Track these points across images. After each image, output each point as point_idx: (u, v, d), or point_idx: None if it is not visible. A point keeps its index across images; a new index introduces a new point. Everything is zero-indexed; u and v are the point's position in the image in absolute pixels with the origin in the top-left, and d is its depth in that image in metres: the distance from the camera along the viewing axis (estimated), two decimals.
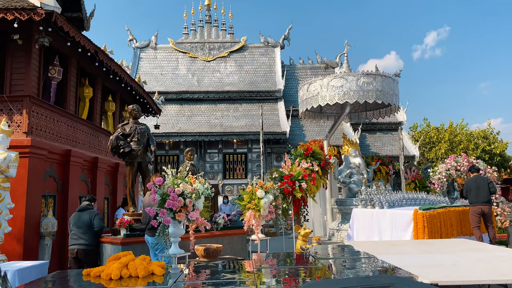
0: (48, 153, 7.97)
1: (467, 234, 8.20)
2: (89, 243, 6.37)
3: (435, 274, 3.48)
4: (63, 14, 11.35)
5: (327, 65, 25.41)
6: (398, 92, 11.81)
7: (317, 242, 6.98)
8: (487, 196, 8.17)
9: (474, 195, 8.20)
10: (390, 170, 13.41)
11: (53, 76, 8.70)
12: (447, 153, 26.30)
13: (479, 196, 8.15)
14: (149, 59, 24.93)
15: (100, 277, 3.76)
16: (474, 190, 8.22)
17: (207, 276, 4.05)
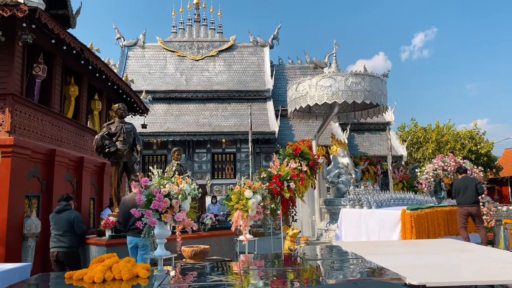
0: (32, 153, 7.80)
1: (454, 234, 8.26)
2: (69, 245, 6.23)
3: (422, 275, 3.46)
4: (49, 11, 11.16)
5: (316, 65, 25.47)
6: (386, 92, 11.86)
7: (305, 243, 6.94)
8: (474, 197, 8.21)
9: (462, 196, 8.24)
10: (378, 170, 13.47)
11: (37, 74, 8.53)
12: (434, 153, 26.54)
13: (466, 197, 8.19)
14: (137, 57, 24.70)
15: (82, 280, 3.66)
16: (462, 191, 8.26)
17: (193, 278, 3.98)
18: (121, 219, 5.68)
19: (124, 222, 5.66)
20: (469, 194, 8.17)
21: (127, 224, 5.64)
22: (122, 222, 5.69)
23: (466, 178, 8.54)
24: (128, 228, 5.65)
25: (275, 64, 25.67)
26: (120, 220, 5.67)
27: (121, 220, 5.66)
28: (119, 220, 5.69)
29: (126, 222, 5.64)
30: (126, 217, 5.61)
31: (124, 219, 5.65)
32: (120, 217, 5.70)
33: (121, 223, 5.69)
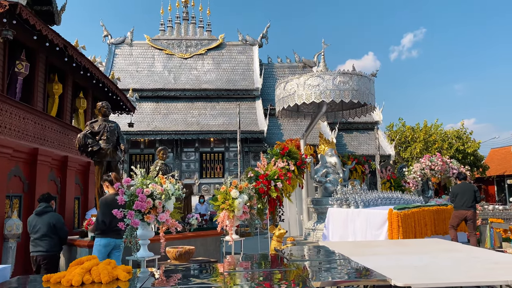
0: (13, 152, 7.61)
1: (441, 233, 8.27)
2: (48, 249, 6.07)
3: (408, 277, 3.42)
4: (32, 7, 10.94)
5: (305, 64, 25.45)
6: (374, 92, 11.87)
7: (292, 243, 6.89)
8: (471, 202, 8.30)
9: (459, 200, 8.33)
10: (366, 169, 13.49)
11: (19, 72, 8.33)
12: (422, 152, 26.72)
13: (463, 202, 8.27)
14: (124, 55, 24.41)
15: (60, 283, 3.55)
16: (460, 195, 8.36)
17: (175, 280, 3.89)
18: (104, 218, 5.51)
19: (106, 223, 5.51)
20: (467, 198, 8.29)
21: (110, 225, 5.50)
22: (103, 222, 5.52)
23: (464, 184, 8.68)
24: (110, 229, 5.51)
25: (264, 63, 25.59)
26: (105, 220, 5.49)
27: (105, 219, 5.49)
28: (103, 220, 5.51)
29: (109, 222, 5.50)
30: (111, 218, 5.48)
31: (107, 219, 5.50)
32: (101, 217, 5.53)
33: (103, 223, 5.51)
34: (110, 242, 5.49)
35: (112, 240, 5.50)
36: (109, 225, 5.49)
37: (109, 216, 5.44)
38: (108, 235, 5.50)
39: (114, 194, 5.68)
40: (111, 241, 5.49)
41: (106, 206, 5.54)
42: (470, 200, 8.29)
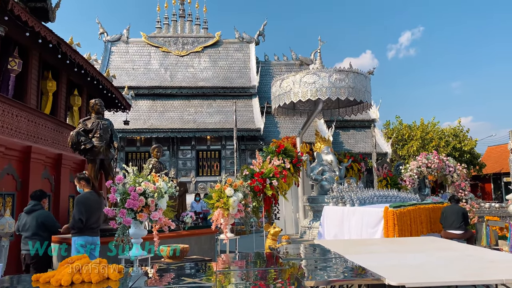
0: (6, 150, 7.54)
1: (437, 231, 8.26)
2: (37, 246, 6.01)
3: (402, 276, 3.38)
4: (26, 3, 10.82)
5: (301, 61, 25.39)
6: (370, 89, 11.82)
7: (287, 241, 6.84)
8: (459, 223, 8.08)
9: (447, 221, 8.12)
10: (362, 167, 13.46)
11: (12, 69, 8.24)
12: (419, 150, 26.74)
13: (451, 223, 8.07)
14: (120, 53, 24.28)
15: (49, 283, 3.49)
16: (448, 216, 8.13)
17: (167, 280, 3.84)
18: (82, 216, 5.43)
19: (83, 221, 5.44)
20: (455, 219, 8.02)
21: (87, 223, 5.45)
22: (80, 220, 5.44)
23: (455, 206, 8.39)
24: (86, 227, 5.44)
25: (261, 61, 25.51)
26: (82, 218, 5.42)
27: (82, 217, 5.42)
28: (80, 218, 5.42)
29: (86, 221, 5.44)
30: (87, 216, 5.43)
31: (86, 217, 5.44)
32: (78, 215, 5.44)
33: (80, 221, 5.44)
34: (88, 240, 5.43)
35: (89, 238, 5.45)
36: (85, 223, 5.43)
37: (85, 214, 5.41)
38: (84, 233, 5.43)
39: (89, 192, 5.65)
40: (88, 239, 5.43)
41: (82, 204, 5.50)
42: (458, 222, 8.09)
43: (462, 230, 8.11)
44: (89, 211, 5.45)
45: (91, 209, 5.49)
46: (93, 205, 5.53)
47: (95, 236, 5.51)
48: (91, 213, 5.46)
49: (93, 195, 5.64)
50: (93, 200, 5.58)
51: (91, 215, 5.46)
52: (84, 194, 5.67)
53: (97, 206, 5.58)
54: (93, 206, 5.53)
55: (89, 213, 5.43)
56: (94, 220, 5.49)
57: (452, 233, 7.94)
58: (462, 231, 8.10)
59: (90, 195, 5.64)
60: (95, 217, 5.50)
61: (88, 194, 5.64)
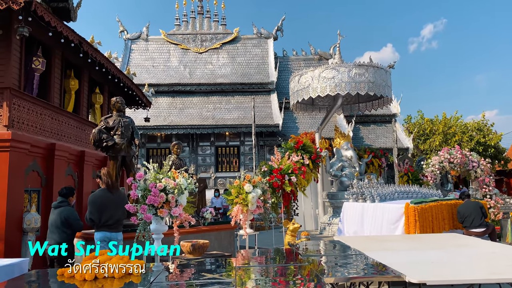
0: (31, 147, 7.75)
1: (460, 227, 8.10)
2: (59, 241, 6.15)
3: (423, 273, 3.34)
4: (49, 4, 11.05)
5: (320, 56, 25.18)
6: (391, 84, 11.64)
7: (306, 238, 6.83)
8: (479, 220, 7.88)
9: (467, 220, 7.91)
10: (382, 162, 13.28)
11: (36, 68, 8.44)
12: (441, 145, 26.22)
13: (471, 221, 7.86)
14: (140, 51, 24.57)
15: (74, 277, 3.59)
16: (467, 215, 7.92)
17: (188, 275, 3.89)
18: (91, 216, 5.58)
19: (97, 219, 5.57)
20: (474, 217, 7.81)
21: (101, 221, 5.57)
22: (94, 218, 5.58)
23: (469, 202, 8.17)
24: (102, 224, 5.57)
25: (279, 56, 25.41)
26: (93, 217, 5.57)
27: (93, 217, 5.57)
28: (90, 218, 5.58)
29: (99, 218, 5.56)
30: (99, 214, 5.55)
31: (98, 215, 5.57)
32: (88, 214, 5.60)
33: (94, 220, 5.58)
34: (106, 236, 5.54)
35: (107, 234, 5.56)
36: (99, 221, 5.55)
37: (96, 213, 5.52)
38: (101, 229, 5.55)
39: (101, 190, 5.76)
40: (106, 235, 5.55)
41: (91, 204, 5.63)
42: (478, 219, 7.87)
43: (483, 227, 7.93)
44: (100, 209, 5.53)
45: (102, 207, 5.57)
46: (104, 203, 5.59)
47: (113, 232, 5.57)
48: (102, 210, 5.54)
49: (105, 193, 5.70)
50: (104, 198, 5.65)
51: (103, 213, 5.53)
52: (95, 193, 5.79)
53: (110, 203, 5.64)
54: (104, 203, 5.59)
55: (100, 211, 5.52)
56: (108, 217, 5.56)
57: (474, 231, 7.77)
58: (484, 228, 7.93)
59: (101, 192, 5.72)
60: (108, 214, 5.55)
61: (99, 193, 5.74)
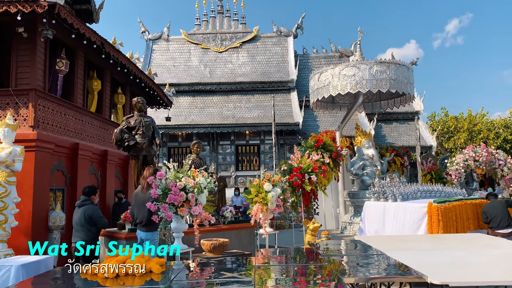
0: (55, 147, 7.94)
1: (485, 227, 7.90)
2: (85, 239, 6.30)
3: (445, 274, 3.27)
4: (73, 6, 11.30)
5: (341, 53, 24.92)
6: (413, 81, 11.43)
7: (326, 237, 6.78)
8: (507, 221, 7.64)
9: (494, 221, 7.67)
10: (405, 161, 13.06)
11: (60, 69, 8.64)
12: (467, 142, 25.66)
13: (499, 222, 7.63)
14: (161, 51, 24.84)
15: (96, 275, 3.66)
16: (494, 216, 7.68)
17: (208, 274, 3.91)
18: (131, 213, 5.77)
19: (132, 216, 5.74)
20: (502, 217, 7.56)
21: (135, 218, 5.72)
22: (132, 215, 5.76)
23: (495, 202, 7.92)
24: (137, 223, 5.71)
25: (299, 54, 25.28)
26: (131, 215, 5.75)
27: (131, 214, 5.74)
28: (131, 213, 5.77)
29: (135, 216, 5.72)
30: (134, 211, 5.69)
31: (131, 213, 5.73)
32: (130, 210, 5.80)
33: (132, 216, 5.76)
34: (138, 234, 5.68)
35: (138, 232, 5.70)
36: (135, 219, 5.68)
37: (134, 210, 5.65)
38: (137, 227, 5.71)
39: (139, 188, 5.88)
40: (138, 233, 5.69)
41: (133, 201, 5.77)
42: (505, 219, 7.61)
43: (511, 227, 7.70)
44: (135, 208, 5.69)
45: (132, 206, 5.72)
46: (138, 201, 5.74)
47: (142, 231, 5.72)
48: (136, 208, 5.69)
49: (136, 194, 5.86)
50: (137, 196, 5.80)
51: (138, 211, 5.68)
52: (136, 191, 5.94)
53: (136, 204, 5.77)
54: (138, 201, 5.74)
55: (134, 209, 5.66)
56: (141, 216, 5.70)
57: (501, 232, 7.54)
58: (511, 229, 7.69)
59: (137, 191, 5.87)
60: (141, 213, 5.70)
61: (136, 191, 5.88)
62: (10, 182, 6.35)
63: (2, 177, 6.25)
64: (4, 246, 6.31)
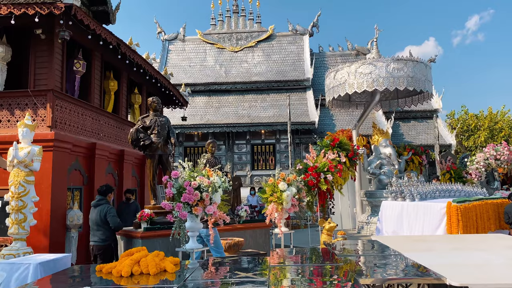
0: (73, 147, 8.04)
1: (507, 228, 7.70)
2: (102, 238, 6.36)
3: (465, 276, 3.18)
4: (89, 8, 11.46)
5: (358, 51, 24.65)
6: (431, 78, 11.23)
7: (343, 237, 6.69)
8: None
9: None
10: (423, 160, 12.84)
11: (77, 70, 8.75)
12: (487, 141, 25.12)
13: None
14: (177, 51, 24.99)
15: (111, 273, 3.68)
16: None
17: (222, 273, 3.90)
18: None
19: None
20: None
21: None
22: None
23: None
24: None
25: (315, 52, 25.11)
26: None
27: None
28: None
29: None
30: None
31: None
32: None
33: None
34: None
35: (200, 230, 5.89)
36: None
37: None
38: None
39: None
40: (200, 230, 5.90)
41: None
42: None
43: None
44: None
45: None
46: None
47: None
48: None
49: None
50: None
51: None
52: None
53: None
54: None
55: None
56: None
57: None
58: None
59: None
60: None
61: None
62: (29, 181, 6.45)
63: (21, 176, 6.35)
64: (23, 244, 6.42)
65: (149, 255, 3.88)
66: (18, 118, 7.64)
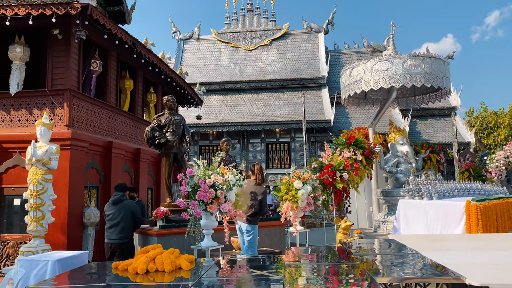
0: (90, 145, 8.14)
1: None
2: (124, 236, 6.40)
3: (485, 275, 3.09)
4: (105, 8, 11.57)
5: (374, 49, 24.37)
6: (449, 75, 11.01)
7: (359, 236, 6.62)
8: None
9: None
10: (441, 158, 12.62)
11: (94, 70, 8.86)
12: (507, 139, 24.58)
13: None
14: (192, 50, 25.11)
15: (127, 270, 3.70)
16: None
17: (237, 271, 3.88)
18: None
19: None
20: None
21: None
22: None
23: None
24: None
25: (330, 50, 24.91)
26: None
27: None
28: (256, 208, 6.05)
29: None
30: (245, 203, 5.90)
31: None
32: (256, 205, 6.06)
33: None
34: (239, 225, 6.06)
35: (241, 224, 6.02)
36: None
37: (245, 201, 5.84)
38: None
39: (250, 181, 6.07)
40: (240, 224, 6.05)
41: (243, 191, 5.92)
42: None
43: None
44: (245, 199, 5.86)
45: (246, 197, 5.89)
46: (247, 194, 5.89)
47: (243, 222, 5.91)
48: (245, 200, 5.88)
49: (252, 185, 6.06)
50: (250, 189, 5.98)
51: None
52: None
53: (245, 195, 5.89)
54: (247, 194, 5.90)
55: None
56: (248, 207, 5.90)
57: None
58: None
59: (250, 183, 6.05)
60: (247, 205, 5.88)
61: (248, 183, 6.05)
62: (46, 179, 6.56)
63: (39, 174, 6.45)
64: (42, 241, 6.53)
65: (164, 253, 3.89)
66: (36, 117, 7.77)
